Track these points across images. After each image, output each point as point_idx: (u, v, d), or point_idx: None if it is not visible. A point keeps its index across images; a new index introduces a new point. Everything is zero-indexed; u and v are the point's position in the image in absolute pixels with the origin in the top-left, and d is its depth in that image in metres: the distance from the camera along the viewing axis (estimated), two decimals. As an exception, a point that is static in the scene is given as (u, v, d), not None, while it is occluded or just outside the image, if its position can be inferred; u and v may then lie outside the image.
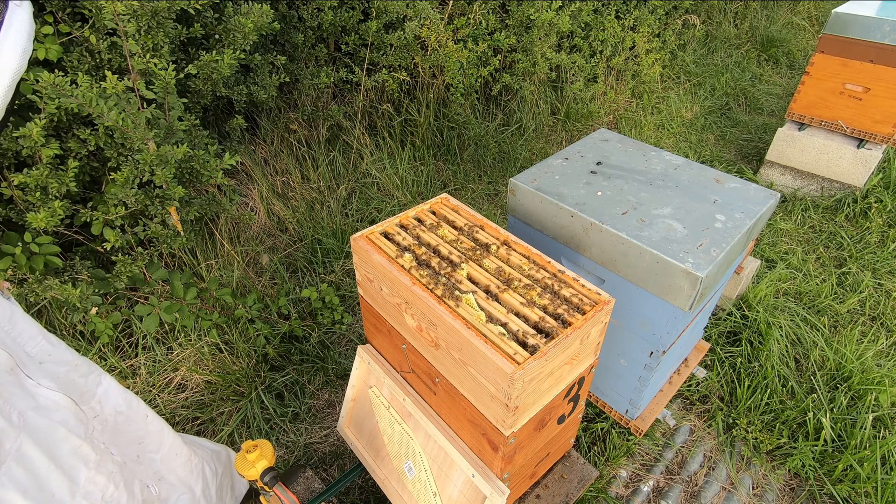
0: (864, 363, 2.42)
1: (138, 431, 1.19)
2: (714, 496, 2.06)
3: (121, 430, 1.15)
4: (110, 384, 1.14)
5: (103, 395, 1.12)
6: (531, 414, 1.33)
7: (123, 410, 1.16)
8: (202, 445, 1.49)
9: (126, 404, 1.17)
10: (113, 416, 1.13)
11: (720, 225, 1.68)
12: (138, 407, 1.20)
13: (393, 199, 3.36)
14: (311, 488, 1.88)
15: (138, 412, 1.20)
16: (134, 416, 1.18)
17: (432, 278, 1.33)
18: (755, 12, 6.23)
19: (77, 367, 1.07)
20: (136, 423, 1.19)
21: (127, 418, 1.16)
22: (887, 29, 3.00)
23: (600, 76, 4.53)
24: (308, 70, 3.12)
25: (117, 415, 1.14)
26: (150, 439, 1.22)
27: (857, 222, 3.43)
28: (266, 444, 1.42)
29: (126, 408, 1.17)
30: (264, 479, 1.39)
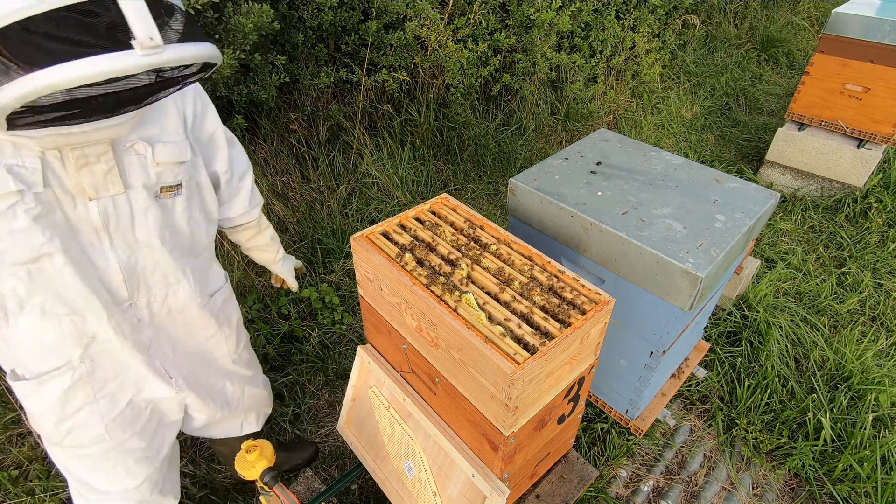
0: (864, 363, 2.42)
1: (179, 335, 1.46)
2: (714, 496, 2.06)
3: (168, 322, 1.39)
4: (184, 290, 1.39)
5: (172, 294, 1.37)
6: (531, 414, 1.33)
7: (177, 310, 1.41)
8: None
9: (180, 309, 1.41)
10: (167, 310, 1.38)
11: (720, 225, 1.68)
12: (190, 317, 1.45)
13: (393, 199, 3.36)
14: (311, 488, 1.89)
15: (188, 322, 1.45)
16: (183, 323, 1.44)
17: (432, 278, 1.33)
18: (755, 12, 6.23)
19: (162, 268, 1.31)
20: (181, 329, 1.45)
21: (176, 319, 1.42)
22: (887, 29, 3.00)
23: (600, 76, 4.53)
24: (308, 70, 3.12)
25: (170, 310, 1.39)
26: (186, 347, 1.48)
27: (857, 222, 3.43)
28: (266, 444, 1.41)
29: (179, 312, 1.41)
30: (264, 479, 1.39)
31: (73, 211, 1.11)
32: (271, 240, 1.69)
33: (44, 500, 1.94)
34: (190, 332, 1.45)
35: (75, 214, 1.11)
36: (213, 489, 2.03)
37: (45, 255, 1.08)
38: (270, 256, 1.73)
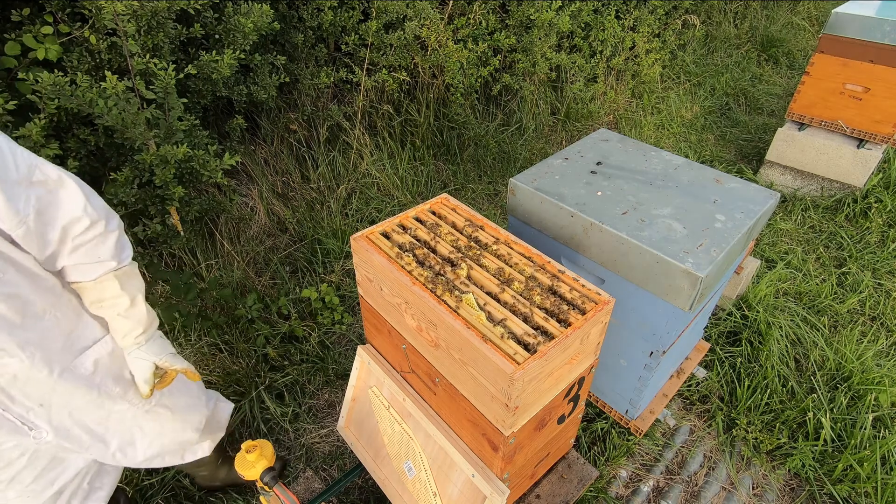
0: (864, 363, 2.42)
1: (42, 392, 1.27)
2: (714, 496, 2.06)
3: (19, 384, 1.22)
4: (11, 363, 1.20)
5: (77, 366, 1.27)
6: (531, 414, 1.33)
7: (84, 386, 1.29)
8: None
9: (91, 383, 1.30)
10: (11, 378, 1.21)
11: (720, 225, 1.68)
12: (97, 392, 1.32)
13: (393, 199, 3.36)
14: (311, 488, 1.89)
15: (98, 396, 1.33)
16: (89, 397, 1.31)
17: (432, 278, 1.33)
18: (755, 12, 6.23)
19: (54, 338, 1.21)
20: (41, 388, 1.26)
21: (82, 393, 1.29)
22: (887, 29, 3.00)
23: (600, 76, 4.53)
24: (308, 70, 3.12)
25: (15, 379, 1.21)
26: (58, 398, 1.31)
27: (857, 222, 3.43)
28: (266, 444, 1.42)
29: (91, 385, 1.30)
30: (264, 479, 1.39)
31: None
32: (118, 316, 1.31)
33: (44, 500, 1.94)
34: (61, 394, 1.27)
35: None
36: (212, 490, 2.03)
37: None
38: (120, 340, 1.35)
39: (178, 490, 2.01)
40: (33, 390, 1.22)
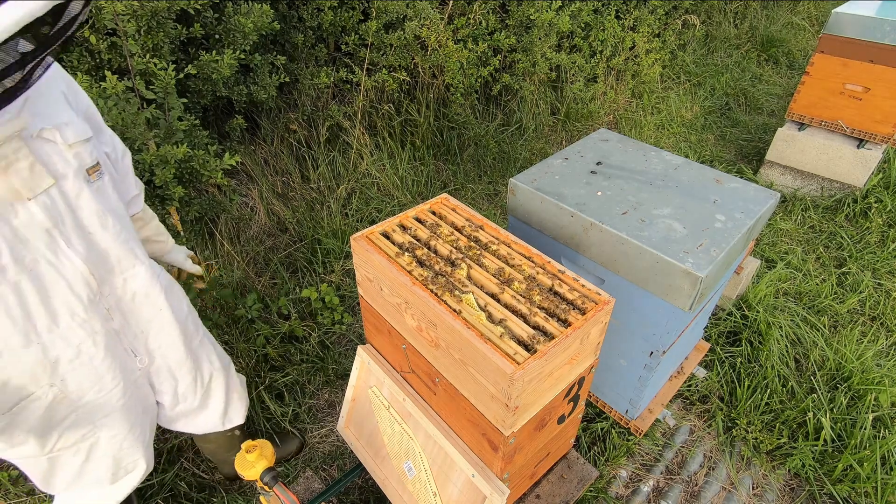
0: (864, 363, 2.42)
1: (148, 315, 1.42)
2: (714, 496, 2.06)
3: (135, 306, 1.38)
4: (143, 271, 1.37)
5: (131, 277, 1.34)
6: (531, 414, 1.33)
7: (143, 294, 1.38)
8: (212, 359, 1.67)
9: (149, 293, 1.39)
10: (131, 295, 1.35)
11: (720, 225, 1.68)
12: (157, 299, 1.42)
13: (393, 199, 3.36)
14: (311, 488, 1.89)
15: (155, 303, 1.42)
16: (150, 304, 1.41)
17: (432, 278, 1.33)
18: (755, 12, 6.23)
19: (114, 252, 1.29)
20: (148, 309, 1.41)
21: (143, 302, 1.39)
22: (887, 29, 3.00)
23: (600, 76, 4.53)
24: (308, 70, 3.12)
25: (135, 295, 1.36)
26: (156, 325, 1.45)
27: (857, 222, 3.43)
28: (266, 444, 1.42)
29: (145, 296, 1.38)
30: (264, 479, 1.39)
31: (17, 218, 1.08)
32: (158, 229, 1.65)
33: (44, 500, 1.94)
34: (156, 314, 1.43)
35: (20, 221, 1.08)
36: (213, 489, 2.03)
37: (1, 273, 1.06)
38: (160, 247, 1.67)
39: (178, 490, 2.01)
40: (142, 314, 1.39)
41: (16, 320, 1.11)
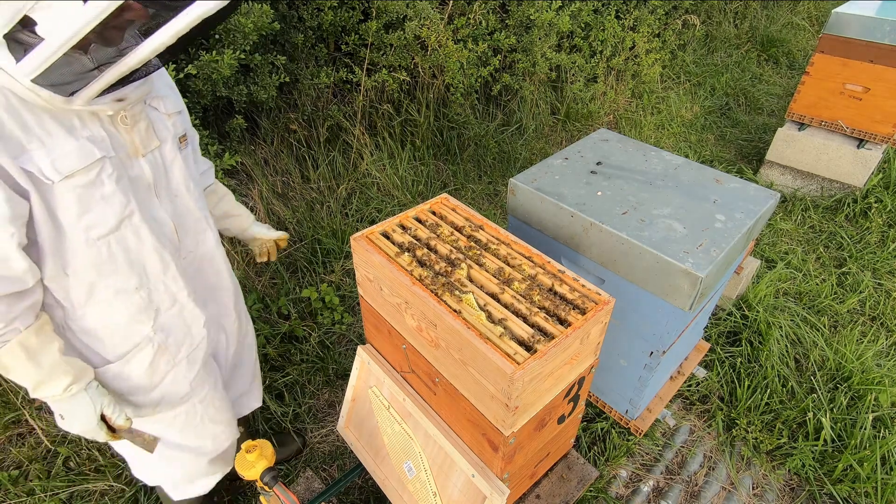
0: (864, 363, 2.42)
1: (211, 280, 1.52)
2: (714, 496, 2.06)
3: (202, 269, 1.47)
4: (211, 237, 1.47)
5: (202, 241, 1.44)
6: (531, 414, 1.33)
7: (209, 258, 1.48)
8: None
9: (215, 259, 1.50)
10: (200, 258, 1.45)
11: (720, 225, 1.68)
12: (220, 265, 1.52)
13: (393, 199, 3.36)
14: (311, 488, 1.89)
15: (218, 269, 1.52)
16: (213, 270, 1.51)
17: (432, 278, 1.33)
18: (755, 12, 6.23)
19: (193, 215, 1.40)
20: (212, 274, 1.51)
21: (208, 267, 1.49)
22: (887, 29, 3.00)
23: (600, 76, 4.53)
24: (308, 70, 3.12)
25: (203, 258, 1.46)
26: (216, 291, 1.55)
27: (857, 222, 3.43)
28: (266, 444, 1.41)
29: (210, 260, 1.48)
30: (264, 479, 1.39)
31: (132, 171, 1.20)
32: (235, 203, 1.69)
33: (44, 500, 1.94)
34: (217, 279, 1.53)
35: (133, 173, 1.20)
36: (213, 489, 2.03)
37: (126, 218, 1.18)
38: (242, 221, 1.71)
39: (178, 490, 2.01)
40: (207, 278, 1.48)
41: (132, 263, 1.23)
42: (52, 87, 0.95)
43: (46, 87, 0.95)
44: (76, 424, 1.20)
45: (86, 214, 1.10)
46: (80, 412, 1.20)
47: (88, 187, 1.09)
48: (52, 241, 1.10)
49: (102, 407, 1.23)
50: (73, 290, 1.17)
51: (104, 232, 1.15)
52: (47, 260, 1.12)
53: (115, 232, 1.17)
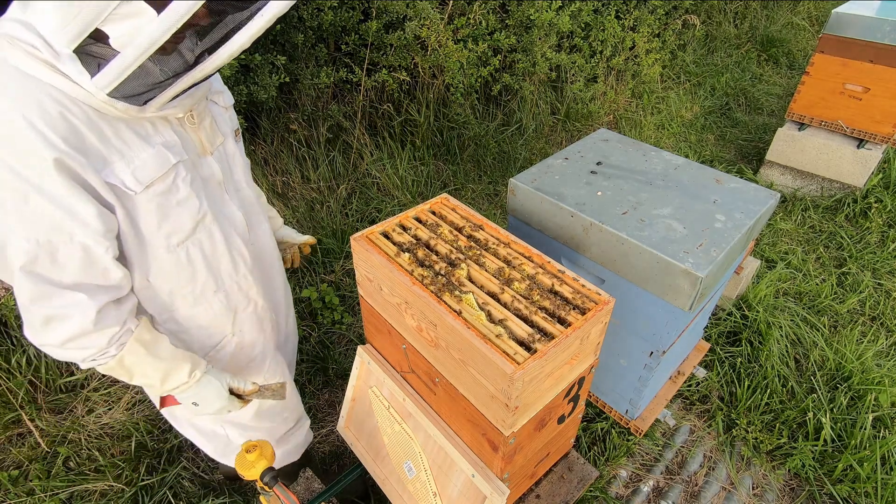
0: (864, 363, 2.42)
1: (268, 270, 1.52)
2: (714, 496, 2.06)
3: (262, 259, 1.47)
4: (267, 228, 1.48)
5: (262, 232, 1.45)
6: (531, 414, 1.33)
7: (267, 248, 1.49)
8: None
9: (272, 249, 1.52)
10: (260, 248, 1.45)
11: (720, 225, 1.68)
12: (274, 253, 1.53)
13: (393, 199, 3.36)
14: (311, 488, 1.89)
15: (273, 257, 1.53)
16: (269, 258, 1.52)
17: (432, 278, 1.33)
18: (755, 12, 6.23)
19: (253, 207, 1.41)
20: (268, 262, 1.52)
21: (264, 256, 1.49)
22: (887, 29, 3.00)
23: (600, 76, 4.53)
24: (308, 70, 3.12)
25: (262, 248, 1.47)
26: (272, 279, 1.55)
27: (857, 222, 3.43)
28: (266, 444, 1.41)
29: (269, 250, 1.50)
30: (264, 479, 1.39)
31: (203, 171, 1.20)
32: (268, 204, 1.69)
33: (44, 500, 1.94)
34: (271, 269, 1.53)
35: (204, 173, 1.21)
36: (213, 488, 2.03)
37: (200, 220, 1.18)
38: (273, 222, 1.70)
39: (179, 490, 2.01)
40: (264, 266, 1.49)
41: (210, 266, 1.24)
42: (126, 99, 0.94)
43: (121, 99, 0.94)
44: (212, 405, 1.24)
45: (165, 222, 1.11)
46: (210, 393, 1.24)
47: (166, 194, 1.09)
48: (135, 252, 1.11)
49: (228, 382, 1.27)
50: (155, 298, 1.19)
51: (182, 238, 1.16)
52: (133, 270, 1.13)
53: (191, 236, 1.18)
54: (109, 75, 0.89)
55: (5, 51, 0.89)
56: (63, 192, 0.93)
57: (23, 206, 0.92)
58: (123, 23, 0.86)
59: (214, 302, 1.29)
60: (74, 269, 0.99)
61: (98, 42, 0.90)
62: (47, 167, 0.90)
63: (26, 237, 0.93)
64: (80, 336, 1.02)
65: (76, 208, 0.95)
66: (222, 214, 1.26)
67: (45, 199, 0.92)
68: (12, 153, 0.88)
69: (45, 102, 0.89)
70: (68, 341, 1.02)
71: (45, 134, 0.89)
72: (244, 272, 1.35)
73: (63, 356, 1.06)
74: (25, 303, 0.98)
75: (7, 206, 0.91)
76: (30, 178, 0.90)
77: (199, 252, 1.21)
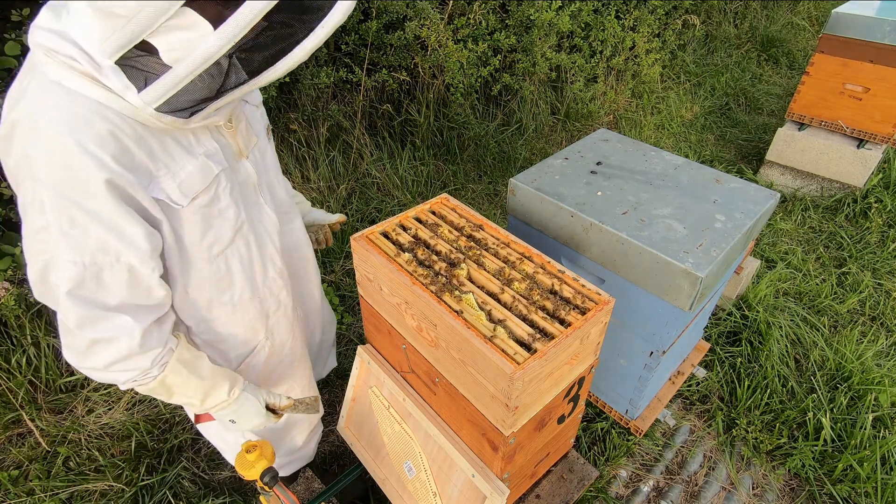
0: (864, 363, 2.42)
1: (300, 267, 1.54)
2: (714, 496, 2.06)
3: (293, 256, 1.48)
4: (299, 223, 1.49)
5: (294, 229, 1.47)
6: (531, 414, 1.33)
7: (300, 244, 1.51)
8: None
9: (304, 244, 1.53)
10: (292, 246, 1.47)
11: (720, 225, 1.68)
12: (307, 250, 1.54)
13: (393, 199, 3.36)
14: (311, 488, 1.89)
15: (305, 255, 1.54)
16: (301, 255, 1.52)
17: (432, 278, 1.33)
18: (755, 12, 6.23)
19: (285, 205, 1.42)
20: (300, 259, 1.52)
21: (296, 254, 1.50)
22: (887, 29, 3.00)
23: (600, 76, 4.53)
24: (308, 70, 3.12)
25: (294, 246, 1.48)
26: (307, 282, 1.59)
27: (857, 222, 3.43)
28: (266, 444, 1.41)
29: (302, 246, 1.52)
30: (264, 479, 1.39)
31: (240, 175, 1.18)
32: (294, 190, 1.66)
33: (44, 500, 1.94)
34: (304, 265, 1.55)
35: (241, 177, 1.19)
36: (213, 489, 2.03)
37: (239, 229, 1.18)
38: (302, 206, 1.69)
39: (179, 490, 2.01)
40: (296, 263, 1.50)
41: (246, 273, 1.24)
42: (173, 113, 0.89)
43: (168, 113, 0.89)
44: (249, 421, 1.26)
45: (208, 233, 1.10)
46: (248, 410, 1.25)
47: (209, 205, 1.08)
48: (177, 265, 1.10)
49: (264, 397, 1.29)
50: (194, 310, 1.20)
51: (222, 247, 1.16)
52: (174, 284, 1.13)
53: (230, 245, 1.17)
54: (159, 90, 0.84)
55: (44, 65, 0.86)
56: (113, 213, 0.91)
57: (70, 230, 0.89)
58: (172, 34, 0.80)
59: (251, 308, 1.30)
60: (120, 290, 0.98)
61: (142, 53, 0.84)
62: (99, 189, 0.88)
63: (73, 260, 0.91)
64: (126, 359, 1.01)
65: (125, 230, 0.93)
66: (257, 219, 1.26)
67: (94, 220, 0.90)
68: (62, 177, 0.86)
69: (94, 122, 0.86)
70: (113, 364, 1.00)
71: (96, 155, 0.86)
72: (273, 275, 1.34)
73: (105, 379, 1.05)
74: (72, 328, 0.96)
75: (52, 230, 0.89)
76: (79, 201, 0.88)
77: (237, 260, 1.21)
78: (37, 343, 2.23)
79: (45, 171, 0.86)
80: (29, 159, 0.86)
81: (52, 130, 0.84)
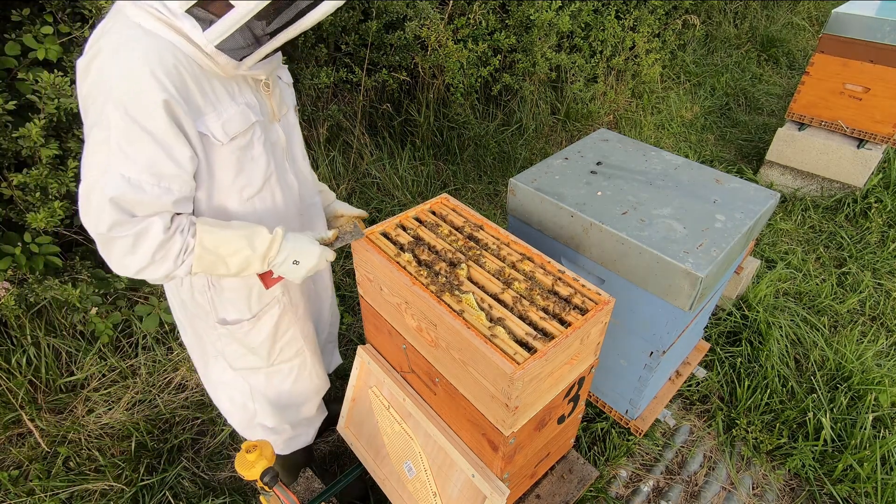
0: (864, 363, 2.42)
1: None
2: (714, 496, 2.06)
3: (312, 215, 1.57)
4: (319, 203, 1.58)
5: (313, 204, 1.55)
6: (531, 414, 1.33)
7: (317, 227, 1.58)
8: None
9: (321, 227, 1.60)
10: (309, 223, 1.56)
11: (720, 225, 1.68)
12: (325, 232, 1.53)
13: (393, 199, 3.36)
14: (311, 488, 1.89)
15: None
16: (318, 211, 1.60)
17: (432, 278, 1.33)
18: (755, 12, 6.23)
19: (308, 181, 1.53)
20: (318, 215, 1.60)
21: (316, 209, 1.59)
22: (887, 29, 3.00)
23: (600, 76, 4.53)
24: (308, 70, 3.12)
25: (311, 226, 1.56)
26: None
27: (857, 222, 3.43)
28: (266, 444, 1.41)
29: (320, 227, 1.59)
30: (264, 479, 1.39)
31: (272, 135, 1.31)
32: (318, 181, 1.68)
33: (44, 500, 1.94)
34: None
35: (273, 138, 1.32)
36: (213, 489, 2.03)
37: (268, 178, 1.30)
38: (326, 196, 1.71)
39: (179, 490, 2.01)
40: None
41: (270, 224, 1.30)
42: (229, 52, 1.07)
43: (225, 52, 1.06)
44: (310, 257, 1.30)
45: (240, 175, 1.23)
46: (304, 245, 1.30)
47: (245, 149, 1.22)
48: (208, 200, 1.22)
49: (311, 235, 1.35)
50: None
51: (253, 192, 1.28)
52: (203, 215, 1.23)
53: (259, 192, 1.29)
54: (220, 28, 1.02)
55: (132, 12, 1.05)
56: (166, 132, 1.05)
57: (127, 146, 1.03)
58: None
59: None
60: (153, 205, 1.09)
61: (202, 7, 1.05)
62: (157, 108, 1.03)
63: (122, 174, 1.04)
64: (164, 244, 1.11)
65: (173, 148, 1.07)
66: (283, 179, 1.37)
67: (148, 138, 1.04)
68: (129, 95, 1.01)
69: (164, 56, 1.03)
70: (156, 252, 1.10)
71: (161, 80, 1.02)
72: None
73: (157, 273, 1.14)
74: (104, 231, 1.06)
75: (112, 144, 1.02)
76: (140, 120, 1.02)
77: (264, 208, 1.32)
78: (37, 343, 2.23)
79: (117, 88, 1.01)
80: (105, 79, 1.02)
81: (130, 56, 1.01)
